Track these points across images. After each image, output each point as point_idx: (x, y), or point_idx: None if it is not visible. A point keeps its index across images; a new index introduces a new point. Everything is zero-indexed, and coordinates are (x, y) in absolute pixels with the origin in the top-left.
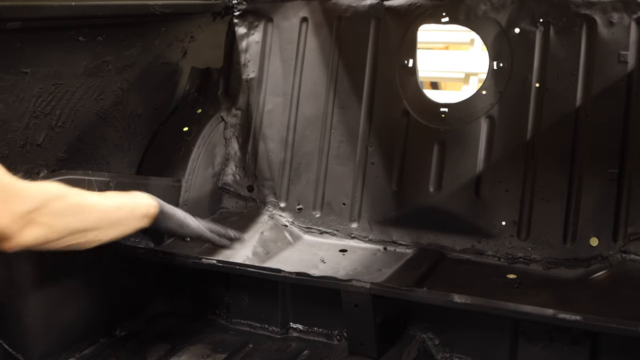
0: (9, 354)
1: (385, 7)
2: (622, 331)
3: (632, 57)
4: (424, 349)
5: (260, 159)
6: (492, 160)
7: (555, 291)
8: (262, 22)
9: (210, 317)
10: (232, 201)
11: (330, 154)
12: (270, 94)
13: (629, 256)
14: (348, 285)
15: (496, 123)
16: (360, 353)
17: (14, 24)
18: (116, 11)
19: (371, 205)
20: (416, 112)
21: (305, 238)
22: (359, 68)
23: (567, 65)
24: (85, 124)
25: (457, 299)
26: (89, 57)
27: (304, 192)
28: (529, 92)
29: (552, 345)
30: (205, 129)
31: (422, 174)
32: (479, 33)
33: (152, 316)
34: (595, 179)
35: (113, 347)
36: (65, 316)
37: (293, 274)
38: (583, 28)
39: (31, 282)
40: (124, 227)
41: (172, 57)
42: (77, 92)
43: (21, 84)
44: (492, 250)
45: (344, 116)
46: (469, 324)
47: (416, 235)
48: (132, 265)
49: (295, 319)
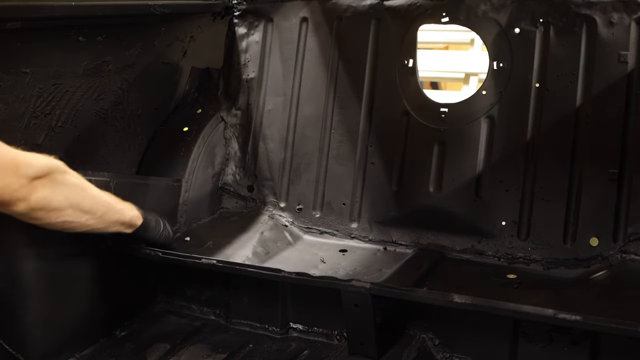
0: (9, 354)
1: (385, 7)
2: (622, 331)
3: (632, 57)
4: (424, 349)
5: (260, 159)
6: (492, 160)
7: (555, 291)
8: (262, 22)
9: (210, 317)
10: (232, 201)
11: (330, 154)
12: (270, 94)
13: (629, 256)
14: (348, 285)
15: (496, 123)
16: (360, 353)
17: (14, 24)
18: (116, 11)
19: (371, 205)
20: (416, 112)
21: (305, 238)
22: (359, 68)
23: (567, 65)
24: (85, 124)
25: (457, 299)
26: (89, 57)
27: (304, 192)
28: (529, 92)
29: (552, 345)
30: (205, 129)
31: (422, 174)
32: (479, 33)
33: (152, 316)
34: (595, 179)
35: (113, 347)
36: (65, 316)
37: (293, 274)
38: (583, 28)
39: (31, 282)
40: (109, 224)
41: (172, 57)
42: (77, 92)
43: (21, 84)
44: (492, 250)
45: (344, 116)
46: (469, 324)
47: (416, 235)
48: (132, 265)
49: (295, 319)
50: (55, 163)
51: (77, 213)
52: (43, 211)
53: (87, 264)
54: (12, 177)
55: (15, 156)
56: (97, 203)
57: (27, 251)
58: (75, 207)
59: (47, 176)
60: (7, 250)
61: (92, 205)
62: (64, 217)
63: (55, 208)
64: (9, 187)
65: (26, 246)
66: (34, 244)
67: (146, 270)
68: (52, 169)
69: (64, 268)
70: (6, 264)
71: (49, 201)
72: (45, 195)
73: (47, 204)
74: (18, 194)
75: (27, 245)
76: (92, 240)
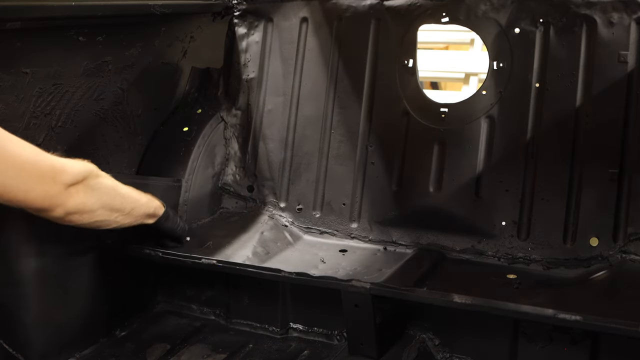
0: (9, 354)
1: (385, 7)
2: (622, 331)
3: (632, 57)
4: (424, 349)
5: (260, 159)
6: (492, 160)
7: (555, 291)
8: (262, 22)
9: (210, 317)
10: (232, 201)
11: (330, 154)
12: (270, 94)
13: (629, 256)
14: (348, 285)
15: (496, 123)
16: (360, 353)
17: (14, 24)
18: (116, 11)
19: (371, 205)
20: (416, 112)
21: (305, 238)
22: (359, 68)
23: (567, 65)
24: (85, 124)
25: (457, 299)
26: (89, 57)
27: (304, 192)
28: (529, 92)
29: (552, 345)
30: (205, 129)
31: (422, 174)
32: (479, 33)
33: (152, 316)
34: (595, 179)
35: (113, 347)
36: (65, 316)
37: (293, 274)
38: (583, 28)
39: (31, 282)
40: (137, 218)
41: (172, 57)
42: (77, 92)
43: (21, 84)
44: (492, 250)
45: (344, 116)
46: (469, 324)
47: (416, 235)
48: (133, 265)
49: (295, 319)
50: (89, 167)
51: (108, 212)
52: (78, 214)
53: (87, 264)
54: (50, 184)
55: (54, 163)
56: (126, 200)
57: (27, 251)
58: (107, 208)
59: (83, 182)
60: (7, 250)
61: (122, 203)
62: (95, 217)
63: (89, 211)
64: (47, 193)
65: (26, 246)
66: (34, 244)
67: (146, 270)
68: (86, 175)
69: (64, 268)
70: (6, 264)
71: (84, 205)
72: (81, 200)
73: (82, 208)
74: (56, 200)
75: (27, 245)
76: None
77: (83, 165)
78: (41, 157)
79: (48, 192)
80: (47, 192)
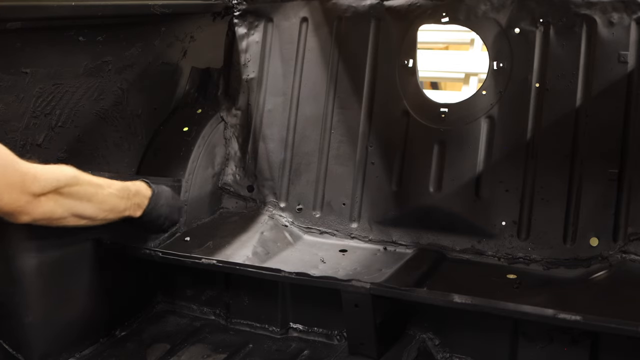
0: (9, 354)
1: (385, 7)
2: (622, 331)
3: (632, 57)
4: (424, 349)
5: (260, 159)
6: (492, 160)
7: (555, 291)
8: (262, 22)
9: (210, 317)
10: (232, 201)
11: (330, 154)
12: (270, 94)
13: (629, 256)
14: (348, 285)
15: (496, 123)
16: (360, 353)
17: (14, 24)
18: (116, 11)
19: (371, 205)
20: (416, 112)
21: (305, 238)
22: (359, 68)
23: (567, 65)
24: (85, 124)
25: (457, 299)
26: (89, 57)
27: (304, 192)
28: (529, 92)
29: (552, 345)
30: (205, 129)
31: (422, 174)
32: (479, 33)
33: (152, 316)
34: (595, 179)
35: (113, 347)
36: (65, 316)
37: (293, 274)
38: (583, 28)
39: (31, 282)
40: (118, 214)
41: (172, 57)
42: (77, 92)
43: (21, 84)
44: (492, 250)
45: (344, 116)
46: (469, 324)
47: (416, 235)
48: (132, 265)
49: (295, 319)
50: (67, 175)
51: (77, 219)
52: (45, 221)
53: (88, 264)
54: (18, 193)
55: (25, 172)
56: (102, 207)
57: (27, 251)
58: (77, 216)
59: (54, 191)
60: (7, 250)
61: (95, 211)
62: (64, 223)
63: (58, 218)
64: (14, 202)
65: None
66: (34, 244)
67: (146, 270)
68: (59, 184)
69: (64, 268)
70: (6, 264)
71: (52, 214)
72: (49, 209)
73: (50, 216)
74: (22, 209)
75: (27, 245)
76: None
77: (60, 173)
78: (11, 166)
79: (15, 200)
80: (14, 200)
